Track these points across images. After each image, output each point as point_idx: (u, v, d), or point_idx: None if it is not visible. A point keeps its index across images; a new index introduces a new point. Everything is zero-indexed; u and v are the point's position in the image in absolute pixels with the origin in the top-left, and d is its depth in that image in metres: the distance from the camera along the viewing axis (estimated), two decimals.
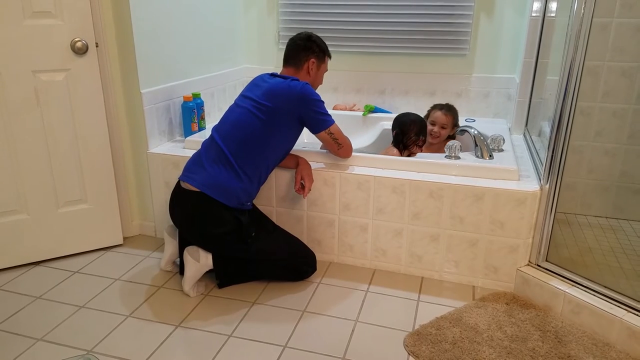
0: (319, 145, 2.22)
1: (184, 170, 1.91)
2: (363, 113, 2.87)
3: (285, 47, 2.05)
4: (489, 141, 2.18)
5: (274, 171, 2.10)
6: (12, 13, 1.89)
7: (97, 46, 2.09)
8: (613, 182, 2.51)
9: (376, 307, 1.88)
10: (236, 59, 3.07)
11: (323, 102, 1.95)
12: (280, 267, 2.00)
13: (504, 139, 2.22)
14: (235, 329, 1.74)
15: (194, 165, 1.90)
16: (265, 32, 3.09)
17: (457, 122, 2.52)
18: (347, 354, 1.62)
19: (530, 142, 2.42)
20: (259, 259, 1.95)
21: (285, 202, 2.17)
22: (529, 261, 1.95)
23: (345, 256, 2.18)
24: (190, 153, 2.17)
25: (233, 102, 2.01)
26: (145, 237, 2.43)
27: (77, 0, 1.98)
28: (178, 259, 2.10)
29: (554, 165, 1.80)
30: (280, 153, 1.98)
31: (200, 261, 1.89)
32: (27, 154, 2.04)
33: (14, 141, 2.00)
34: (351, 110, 2.97)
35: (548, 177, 1.83)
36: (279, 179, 2.14)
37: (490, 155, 2.07)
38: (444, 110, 2.48)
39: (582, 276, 1.80)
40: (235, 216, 1.85)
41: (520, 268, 1.94)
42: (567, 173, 1.81)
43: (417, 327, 1.75)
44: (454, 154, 2.06)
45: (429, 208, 1.97)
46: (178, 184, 1.91)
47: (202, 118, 2.51)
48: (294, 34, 2.07)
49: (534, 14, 2.43)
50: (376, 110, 2.90)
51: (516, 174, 1.95)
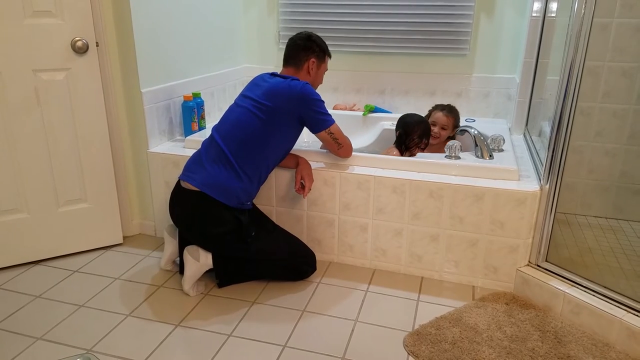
0: (319, 145, 2.23)
1: (184, 169, 1.91)
2: (363, 113, 2.87)
3: (285, 47, 2.05)
4: (489, 141, 2.18)
5: (274, 171, 2.10)
6: (13, 12, 1.89)
7: (98, 45, 2.09)
8: (613, 183, 2.51)
9: (376, 307, 1.88)
10: (236, 59, 3.07)
11: (323, 102, 1.95)
12: (280, 267, 2.00)
13: (504, 139, 2.22)
14: (235, 329, 1.74)
15: (194, 164, 1.90)
16: (265, 32, 3.09)
17: (458, 124, 2.52)
18: (347, 354, 1.62)
19: (530, 142, 2.42)
20: (259, 259, 1.95)
21: (285, 202, 2.17)
22: (529, 261, 1.95)
23: (345, 256, 2.18)
24: (190, 152, 2.17)
25: (233, 102, 2.01)
26: (145, 237, 2.43)
27: None
28: (178, 259, 2.10)
29: (554, 165, 1.80)
30: (280, 153, 1.98)
31: (200, 260, 1.89)
32: (27, 153, 2.04)
33: (14, 140, 2.01)
34: (351, 110, 2.97)
35: (548, 177, 1.83)
36: (279, 179, 2.14)
37: (490, 155, 2.07)
38: (446, 111, 2.47)
39: (582, 276, 1.80)
40: (235, 216, 1.85)
41: (520, 268, 1.94)
42: (567, 173, 1.81)
43: (417, 327, 1.75)
44: (454, 154, 2.06)
45: (429, 208, 1.97)
46: (178, 184, 1.91)
47: (202, 117, 2.51)
48: (294, 34, 2.07)
49: (534, 14, 2.43)
50: (376, 110, 2.90)
51: (516, 174, 1.95)
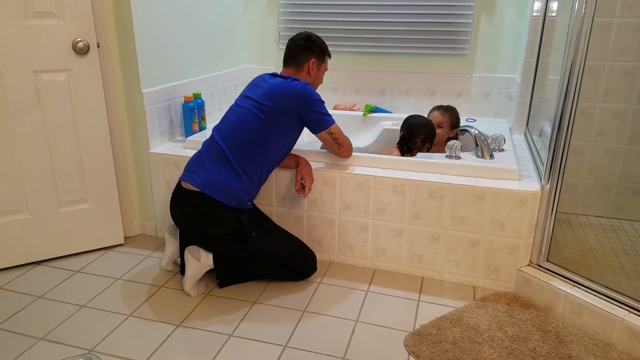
0: (319, 145, 2.23)
1: (185, 170, 1.92)
2: (363, 113, 2.87)
3: (285, 47, 2.06)
4: (490, 141, 2.18)
5: (274, 171, 2.11)
6: (14, 13, 1.89)
7: (99, 46, 2.09)
8: (614, 182, 2.51)
9: (376, 307, 1.88)
10: (236, 59, 3.07)
11: (323, 102, 1.95)
12: (280, 267, 2.00)
13: (505, 139, 2.22)
14: (235, 329, 1.74)
15: (195, 165, 1.90)
16: (265, 32, 3.10)
17: (456, 123, 2.51)
18: (348, 354, 1.62)
19: (531, 142, 2.42)
20: (260, 259, 1.96)
21: (285, 202, 2.17)
22: (530, 261, 1.95)
23: (345, 256, 2.18)
24: (191, 153, 2.17)
25: (233, 102, 2.01)
26: (146, 237, 2.43)
27: (79, 0, 1.99)
28: (179, 259, 2.10)
29: (555, 165, 1.80)
30: (280, 153, 1.98)
31: (201, 261, 1.89)
32: (29, 154, 2.04)
33: (15, 141, 2.01)
34: (351, 110, 2.97)
35: (549, 177, 1.83)
36: (279, 179, 2.14)
37: (490, 155, 2.07)
38: (442, 110, 2.50)
39: (583, 276, 1.80)
40: (235, 216, 1.85)
41: (521, 268, 1.93)
42: (568, 173, 1.81)
43: (418, 327, 1.75)
44: (455, 154, 2.06)
45: (430, 208, 1.97)
46: (179, 184, 1.91)
47: (203, 118, 2.52)
48: (294, 34, 2.07)
49: (535, 14, 2.43)
50: (376, 110, 2.90)
51: (517, 174, 1.95)
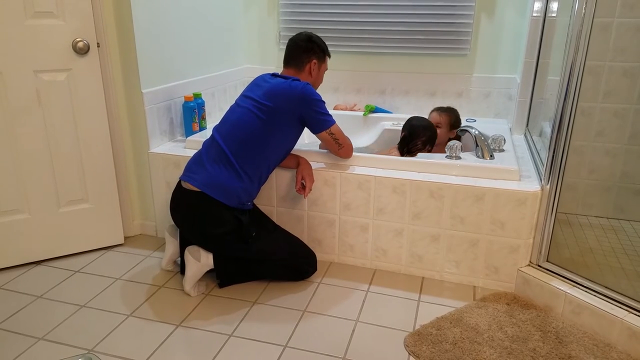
0: (319, 145, 2.22)
1: (185, 170, 1.92)
2: (364, 113, 2.87)
3: (285, 48, 2.06)
4: (490, 141, 2.18)
5: (275, 171, 2.10)
6: (14, 13, 1.89)
7: (99, 46, 2.09)
8: (614, 183, 2.51)
9: (377, 307, 1.88)
10: (237, 59, 3.07)
11: (324, 102, 1.95)
12: (280, 267, 2.00)
13: (505, 139, 2.22)
14: (235, 329, 1.74)
15: (195, 165, 1.90)
16: (265, 32, 3.10)
17: (455, 123, 2.51)
18: (348, 354, 1.62)
19: (531, 142, 2.42)
20: (260, 259, 1.96)
21: (285, 202, 2.17)
22: (530, 261, 1.95)
23: (345, 256, 2.18)
24: (191, 153, 2.17)
25: (234, 102, 2.01)
26: (146, 237, 2.43)
27: (79, 0, 1.99)
28: (179, 259, 2.10)
29: (555, 165, 1.80)
30: (281, 153, 1.98)
31: (201, 261, 1.89)
32: (29, 154, 2.04)
33: (16, 141, 2.01)
34: (352, 110, 2.97)
35: (549, 178, 1.83)
36: (280, 179, 2.14)
37: (491, 155, 2.07)
38: (440, 111, 2.51)
39: (583, 277, 1.80)
40: (235, 216, 1.85)
41: (521, 268, 1.93)
42: (568, 173, 1.81)
43: (418, 327, 1.75)
44: (455, 154, 2.06)
45: (430, 208, 1.97)
46: (179, 184, 1.91)
47: (203, 118, 2.52)
48: (294, 34, 2.07)
49: (535, 14, 2.43)
50: (377, 110, 2.90)
51: (517, 174, 1.95)
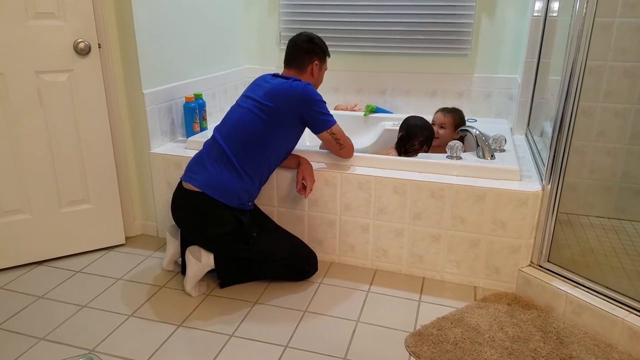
0: (320, 145, 2.22)
1: (186, 170, 1.92)
2: (364, 113, 2.87)
3: (286, 48, 2.05)
4: (491, 141, 2.18)
5: (276, 171, 2.10)
6: (15, 14, 1.89)
7: (100, 47, 2.09)
8: (615, 183, 2.50)
9: (377, 308, 1.88)
10: (237, 60, 3.07)
11: (325, 103, 1.95)
12: (281, 267, 2.00)
13: (506, 139, 2.22)
14: (236, 329, 1.74)
15: (196, 165, 1.90)
16: (266, 33, 3.10)
17: (460, 124, 2.50)
18: (349, 354, 1.62)
19: (532, 143, 2.41)
20: (261, 259, 1.96)
21: (286, 202, 2.17)
22: (531, 262, 1.95)
23: (346, 256, 2.18)
24: (192, 153, 2.17)
25: (235, 103, 2.01)
26: (147, 237, 2.44)
27: (80, 1, 1.99)
28: (180, 259, 2.11)
29: (556, 165, 1.80)
30: (281, 153, 1.98)
31: (202, 261, 1.89)
32: (30, 154, 2.05)
33: (17, 141, 2.01)
34: (352, 110, 2.97)
35: (550, 178, 1.83)
36: (281, 179, 2.14)
37: (491, 155, 2.07)
38: (445, 111, 2.50)
39: (584, 277, 1.80)
40: (236, 216, 1.85)
41: (522, 269, 1.93)
42: (569, 173, 1.81)
43: (419, 328, 1.75)
44: (456, 154, 2.06)
45: (430, 208, 1.97)
46: (180, 184, 1.91)
47: (204, 118, 2.52)
48: (295, 35, 2.07)
49: (536, 14, 2.43)
50: (377, 110, 2.90)
51: (518, 174, 1.95)
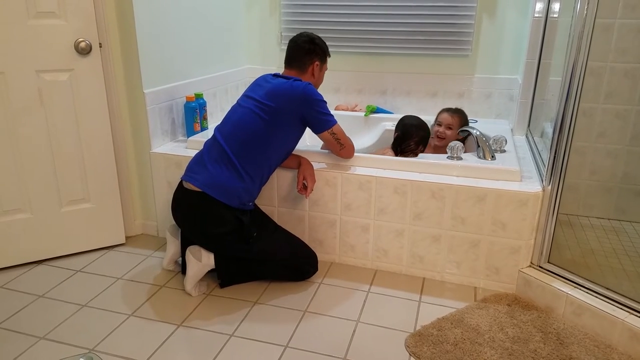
0: (321, 145, 2.22)
1: (187, 170, 1.92)
2: (365, 114, 2.87)
3: (286, 48, 2.05)
4: (491, 142, 2.18)
5: (276, 171, 2.10)
6: (16, 13, 1.89)
7: (101, 46, 2.09)
8: (615, 184, 2.50)
9: (377, 308, 1.88)
10: (238, 60, 3.07)
11: (326, 103, 1.95)
12: (281, 267, 2.00)
13: (506, 140, 2.22)
14: (236, 329, 1.74)
15: (196, 165, 1.90)
16: (267, 33, 3.10)
17: (464, 125, 2.50)
18: (349, 355, 1.62)
19: (532, 143, 2.42)
20: (261, 259, 1.96)
21: (287, 202, 2.17)
22: (531, 262, 1.95)
23: (346, 256, 2.18)
24: (192, 153, 2.17)
25: (235, 102, 2.01)
26: (147, 237, 2.44)
27: (81, 0, 1.99)
28: (180, 259, 2.11)
29: (556, 166, 1.80)
30: (282, 153, 1.98)
31: (202, 261, 1.89)
32: (31, 154, 2.05)
33: (18, 140, 2.01)
34: (353, 110, 2.97)
35: (550, 178, 1.83)
36: (281, 179, 2.14)
37: (492, 156, 2.07)
38: (450, 112, 2.49)
39: (584, 278, 1.80)
40: (236, 216, 1.85)
41: (522, 269, 1.93)
42: (570, 174, 1.81)
43: (419, 328, 1.75)
44: (456, 155, 2.06)
45: (431, 209, 1.97)
46: (180, 184, 1.91)
47: (205, 118, 2.52)
48: (295, 35, 2.07)
49: (537, 15, 2.43)
50: (378, 110, 2.90)
51: (518, 175, 1.95)
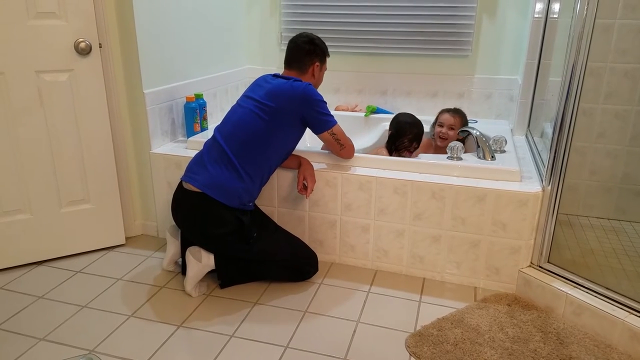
0: (321, 145, 2.23)
1: (186, 170, 1.92)
2: (365, 114, 2.87)
3: (286, 49, 2.05)
4: (491, 142, 2.18)
5: (276, 171, 2.11)
6: (16, 13, 1.89)
7: (101, 47, 2.09)
8: (615, 184, 2.51)
9: (378, 308, 1.88)
10: (238, 60, 3.07)
11: (326, 103, 1.95)
12: (282, 268, 2.00)
13: (506, 140, 2.22)
14: (237, 329, 1.74)
15: (196, 165, 1.90)
16: (267, 33, 3.10)
17: (465, 125, 2.50)
18: (349, 355, 1.62)
19: (532, 144, 2.42)
20: (261, 260, 1.96)
21: (287, 203, 2.17)
22: (531, 262, 1.95)
23: (346, 257, 2.18)
24: (192, 153, 2.17)
25: (235, 103, 2.01)
26: (147, 237, 2.44)
27: (81, 1, 1.99)
28: (180, 259, 2.11)
29: (556, 166, 1.80)
30: (282, 153, 1.98)
31: (202, 261, 1.89)
32: (31, 154, 2.05)
33: (18, 141, 2.01)
34: (353, 111, 2.97)
35: (550, 179, 1.83)
36: (281, 180, 2.14)
37: (492, 156, 2.07)
38: (452, 112, 2.50)
39: (584, 278, 1.80)
40: (236, 216, 1.85)
41: (522, 269, 1.93)
42: (569, 174, 1.81)
43: (419, 328, 1.75)
44: (456, 155, 2.06)
45: (431, 209, 1.97)
46: (180, 185, 1.91)
47: (205, 118, 2.52)
48: (295, 35, 2.07)
49: (537, 15, 2.43)
50: (378, 111, 2.91)
51: (518, 175, 1.95)
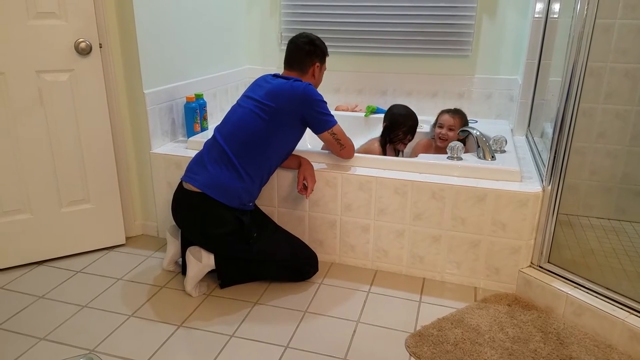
0: (322, 146, 2.23)
1: (186, 170, 1.92)
2: (365, 114, 2.87)
3: (286, 49, 2.05)
4: (491, 142, 2.18)
5: (276, 172, 2.11)
6: (17, 13, 1.90)
7: (101, 47, 2.10)
8: (615, 184, 2.51)
9: (378, 308, 1.88)
10: (238, 60, 3.07)
11: (326, 103, 1.95)
12: (282, 268, 2.00)
13: (506, 140, 2.22)
14: (237, 329, 1.75)
15: (196, 165, 1.90)
16: (267, 33, 3.10)
17: (465, 125, 2.51)
18: (349, 355, 1.62)
19: (532, 144, 2.42)
20: (261, 260, 1.96)
21: (287, 203, 2.18)
22: (531, 262, 1.95)
23: (346, 257, 2.18)
24: (192, 153, 2.17)
25: (235, 103, 2.02)
26: (147, 237, 2.44)
27: (81, 1, 1.99)
28: (180, 259, 2.11)
29: (556, 166, 1.80)
30: (282, 153, 1.98)
31: (202, 261, 1.89)
32: (31, 154, 2.05)
33: (18, 141, 2.01)
34: (353, 111, 2.97)
35: (550, 179, 1.83)
36: (281, 180, 2.14)
37: (492, 156, 2.07)
38: (451, 113, 2.50)
39: (584, 278, 1.80)
40: (236, 216, 1.85)
41: (522, 269, 1.93)
42: (570, 174, 1.81)
43: (419, 328, 1.75)
44: (456, 155, 2.06)
45: (431, 209, 1.97)
46: (180, 185, 1.91)
47: (205, 118, 2.52)
48: (295, 35, 2.07)
49: (537, 15, 2.43)
50: (378, 111, 2.90)
51: (518, 175, 1.95)
